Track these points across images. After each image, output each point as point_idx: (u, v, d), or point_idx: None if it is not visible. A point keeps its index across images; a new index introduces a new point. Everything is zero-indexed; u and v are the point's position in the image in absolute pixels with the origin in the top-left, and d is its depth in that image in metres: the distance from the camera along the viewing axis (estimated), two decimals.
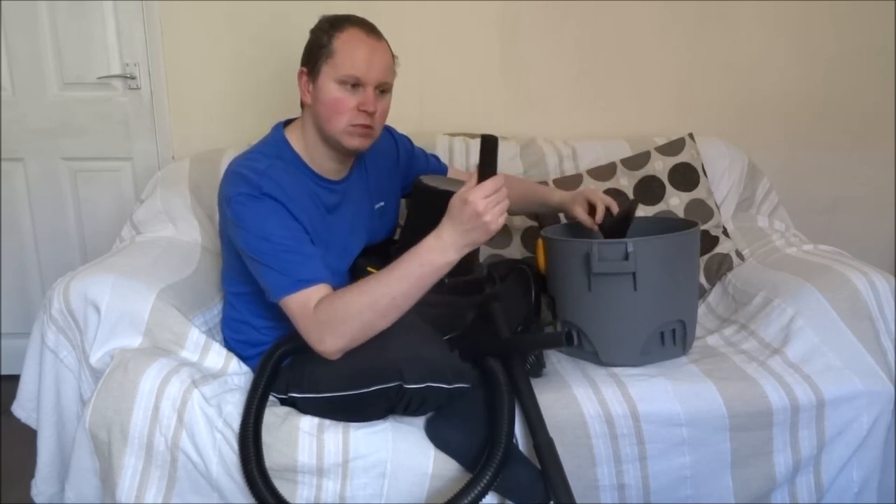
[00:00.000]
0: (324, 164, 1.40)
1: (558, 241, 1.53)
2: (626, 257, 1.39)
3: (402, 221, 1.68)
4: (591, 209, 1.57)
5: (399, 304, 1.20)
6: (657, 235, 1.47)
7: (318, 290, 1.24)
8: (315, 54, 1.33)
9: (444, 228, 1.19)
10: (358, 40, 1.31)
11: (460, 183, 1.57)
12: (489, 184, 1.16)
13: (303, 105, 1.39)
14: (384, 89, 1.36)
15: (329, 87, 1.31)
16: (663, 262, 1.44)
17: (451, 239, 1.18)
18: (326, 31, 1.32)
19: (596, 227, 1.56)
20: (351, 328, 1.20)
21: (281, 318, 1.39)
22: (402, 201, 1.69)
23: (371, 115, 1.33)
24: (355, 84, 1.31)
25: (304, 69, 1.36)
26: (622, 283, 1.42)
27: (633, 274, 1.41)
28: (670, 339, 1.48)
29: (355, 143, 1.35)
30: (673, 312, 1.48)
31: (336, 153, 1.40)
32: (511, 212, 1.80)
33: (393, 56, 1.38)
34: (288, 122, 1.44)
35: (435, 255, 1.19)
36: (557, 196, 1.65)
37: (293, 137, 1.39)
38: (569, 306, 1.53)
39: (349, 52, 1.30)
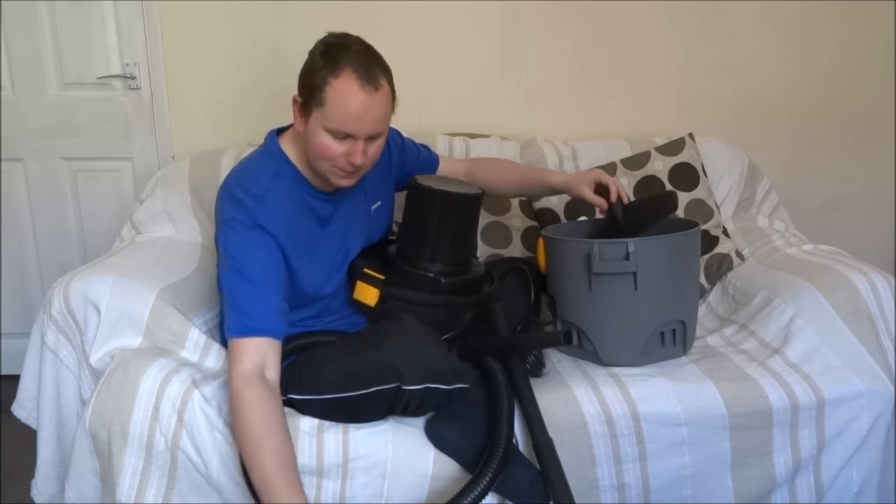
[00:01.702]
0: (317, 177, 1.38)
1: (559, 240, 1.53)
2: (627, 257, 1.39)
3: (399, 221, 1.68)
4: (599, 191, 1.51)
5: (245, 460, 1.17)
6: (658, 235, 1.47)
7: (261, 346, 1.20)
8: (308, 93, 1.26)
9: None
10: (351, 93, 1.22)
11: (456, 182, 1.58)
12: None
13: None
14: (376, 137, 1.30)
15: (318, 133, 1.26)
16: (664, 262, 1.44)
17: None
18: (322, 70, 1.23)
19: (605, 206, 1.49)
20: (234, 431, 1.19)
21: None
22: (400, 201, 1.69)
23: (358, 165, 1.29)
24: (345, 136, 1.26)
25: (298, 99, 1.29)
26: (623, 283, 1.42)
27: (634, 274, 1.41)
28: (670, 339, 1.48)
29: (341, 182, 1.33)
30: (673, 312, 1.48)
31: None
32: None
33: (392, 97, 1.30)
34: (281, 130, 1.42)
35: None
36: (559, 177, 1.58)
37: (288, 147, 1.37)
38: (569, 306, 1.53)
39: (341, 107, 1.23)
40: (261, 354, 1.20)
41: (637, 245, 1.39)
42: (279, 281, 1.28)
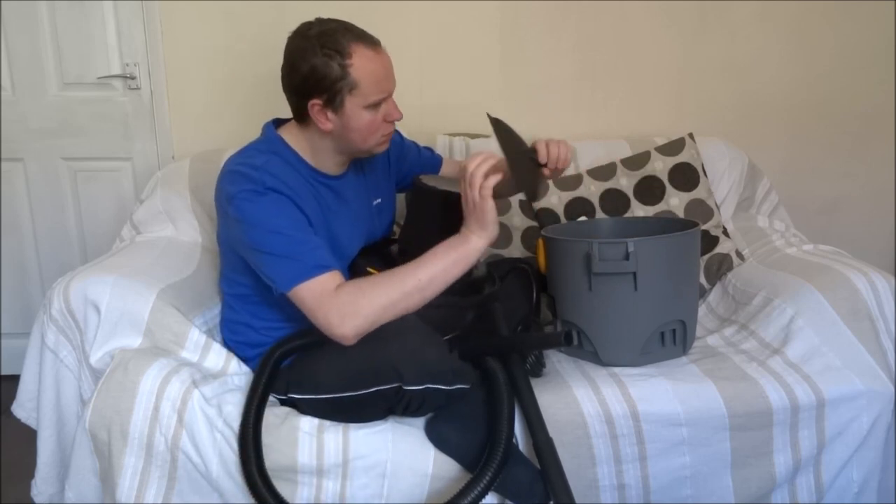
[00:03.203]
0: (326, 162, 1.40)
1: (559, 240, 1.53)
2: (627, 257, 1.39)
3: (401, 221, 1.68)
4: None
5: (423, 288, 1.24)
6: (658, 235, 1.47)
7: (334, 276, 1.25)
8: (330, 89, 1.27)
9: (466, 223, 1.29)
10: (371, 61, 1.29)
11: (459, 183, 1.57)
12: (466, 167, 1.28)
13: (306, 123, 1.36)
14: None
15: (360, 114, 1.31)
16: (664, 262, 1.44)
17: (466, 224, 1.29)
18: (332, 60, 1.26)
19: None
20: (374, 308, 1.21)
21: (281, 319, 1.40)
22: (401, 201, 1.69)
23: (398, 118, 1.36)
24: (379, 103, 1.32)
25: (318, 101, 1.29)
26: (623, 283, 1.42)
27: (634, 274, 1.41)
28: (670, 339, 1.48)
29: (384, 148, 1.41)
30: (673, 312, 1.48)
31: (347, 157, 1.41)
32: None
33: None
34: (279, 122, 1.43)
35: (460, 241, 1.28)
36: None
37: (289, 136, 1.38)
38: (569, 306, 1.52)
39: (371, 78, 1.29)
40: (336, 283, 1.23)
41: (637, 245, 1.39)
42: (308, 225, 1.30)
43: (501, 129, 1.35)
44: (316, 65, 1.27)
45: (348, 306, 1.21)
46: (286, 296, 1.25)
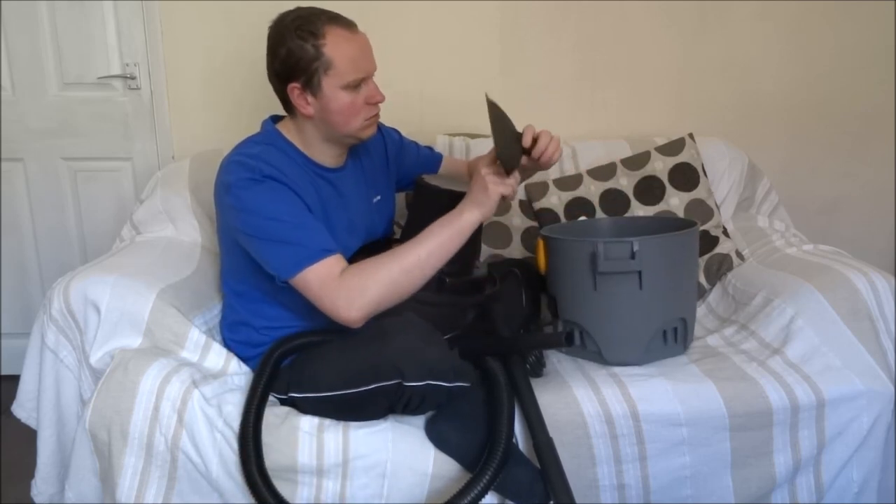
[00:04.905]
0: (320, 153, 1.40)
1: (562, 240, 1.52)
2: (633, 256, 1.39)
3: (401, 221, 1.68)
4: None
5: (423, 263, 1.26)
6: (661, 234, 1.47)
7: (338, 260, 1.26)
8: (306, 70, 1.29)
9: (464, 199, 1.32)
10: (345, 41, 1.30)
11: (464, 183, 1.57)
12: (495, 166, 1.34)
13: (294, 113, 1.37)
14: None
15: (337, 95, 1.31)
16: (667, 260, 1.44)
17: (465, 201, 1.31)
18: (306, 42, 1.28)
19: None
20: (379, 288, 1.23)
21: (281, 319, 1.40)
22: (401, 201, 1.69)
23: (381, 100, 1.36)
24: (359, 83, 1.32)
25: (296, 84, 1.31)
26: (627, 281, 1.42)
27: (639, 273, 1.40)
28: (672, 338, 1.48)
29: (369, 132, 1.40)
30: (675, 311, 1.48)
31: (339, 146, 1.41)
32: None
33: None
34: (277, 119, 1.43)
35: (454, 216, 1.30)
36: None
37: (286, 130, 1.39)
38: (572, 306, 1.52)
39: (346, 58, 1.29)
40: (340, 268, 1.24)
41: (642, 244, 1.39)
42: (308, 211, 1.30)
43: (495, 109, 1.38)
44: (291, 48, 1.29)
45: (354, 290, 1.22)
46: (289, 283, 1.25)
